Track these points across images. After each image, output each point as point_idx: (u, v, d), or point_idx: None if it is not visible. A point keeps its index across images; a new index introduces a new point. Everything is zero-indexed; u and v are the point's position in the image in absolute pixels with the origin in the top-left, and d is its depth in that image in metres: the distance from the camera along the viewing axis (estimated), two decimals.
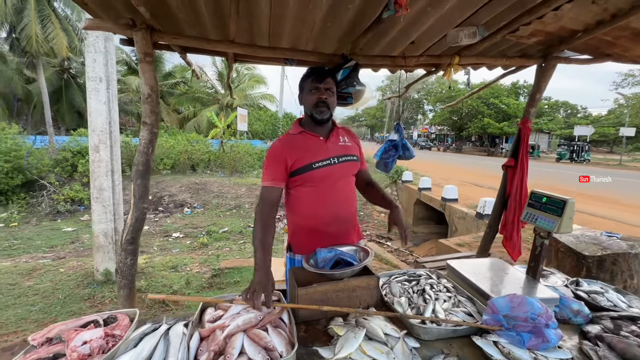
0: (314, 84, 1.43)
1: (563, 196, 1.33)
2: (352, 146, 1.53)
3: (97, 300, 3.36)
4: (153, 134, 1.77)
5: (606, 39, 1.95)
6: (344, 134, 1.55)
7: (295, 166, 1.40)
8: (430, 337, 1.12)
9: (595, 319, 1.26)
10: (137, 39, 1.68)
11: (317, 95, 1.42)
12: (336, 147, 1.47)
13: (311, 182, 1.43)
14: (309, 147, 1.43)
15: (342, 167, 1.46)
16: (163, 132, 14.71)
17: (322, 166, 1.42)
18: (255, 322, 1.09)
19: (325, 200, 1.45)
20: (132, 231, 1.75)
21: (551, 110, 35.09)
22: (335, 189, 1.46)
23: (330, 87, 1.44)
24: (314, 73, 1.45)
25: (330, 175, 1.44)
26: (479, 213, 6.23)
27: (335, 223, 1.47)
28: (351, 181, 1.54)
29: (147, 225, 7.96)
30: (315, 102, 1.41)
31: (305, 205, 1.47)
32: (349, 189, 1.52)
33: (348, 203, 1.51)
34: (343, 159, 1.47)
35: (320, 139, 1.46)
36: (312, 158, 1.41)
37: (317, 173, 1.41)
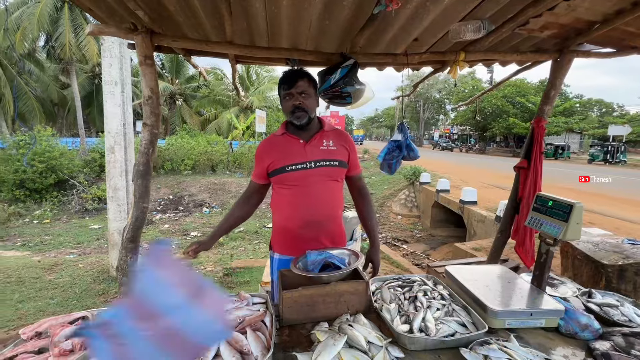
0: (285, 90, 1.42)
1: (570, 200, 1.23)
2: (336, 150, 1.47)
3: (111, 295, 3.50)
4: (153, 134, 1.80)
5: (629, 29, 1.79)
6: (331, 137, 1.49)
7: (271, 167, 1.45)
8: (417, 347, 1.06)
9: (606, 335, 1.15)
10: (137, 43, 1.73)
11: (291, 102, 1.41)
12: (315, 151, 1.44)
13: (285, 184, 1.44)
14: (286, 150, 1.44)
15: (318, 172, 1.43)
16: (185, 134, 15.18)
17: (296, 169, 1.41)
18: (235, 324, 1.08)
19: (299, 203, 1.43)
20: (132, 230, 1.79)
21: (583, 109, 33.11)
22: (310, 193, 1.43)
23: (303, 90, 1.41)
24: (284, 79, 1.43)
25: (304, 178, 1.42)
26: (499, 216, 5.96)
27: (308, 227, 1.45)
28: (331, 186, 1.47)
29: (167, 224, 8.23)
30: (291, 109, 1.41)
31: (282, 206, 1.49)
32: (328, 194, 1.46)
33: (324, 208, 1.46)
34: (321, 163, 1.43)
35: (300, 142, 1.45)
36: (286, 161, 1.42)
37: (291, 175, 1.41)
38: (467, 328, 1.14)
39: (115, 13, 1.71)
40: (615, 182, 11.61)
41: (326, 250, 1.40)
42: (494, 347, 1.01)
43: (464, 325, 1.15)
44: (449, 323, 1.15)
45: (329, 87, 1.87)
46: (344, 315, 1.22)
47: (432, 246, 8.05)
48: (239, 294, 1.33)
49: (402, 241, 8.16)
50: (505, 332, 1.15)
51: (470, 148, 36.31)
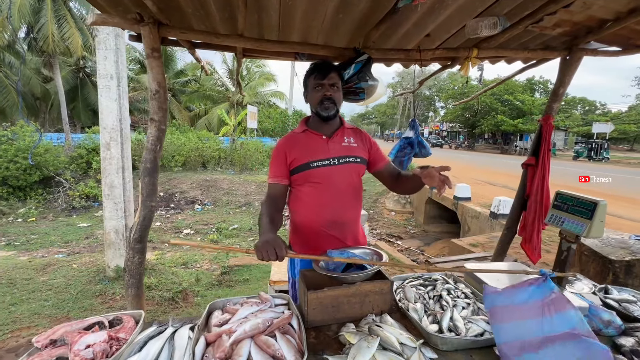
0: (317, 80, 1.39)
1: (594, 197, 1.24)
2: (357, 147, 1.47)
3: (108, 296, 3.40)
4: (161, 130, 1.74)
5: (638, 28, 1.81)
6: (351, 134, 1.49)
7: (294, 164, 1.40)
8: (449, 347, 1.05)
9: (629, 331, 1.16)
10: (145, 34, 1.65)
11: (321, 93, 1.39)
12: (338, 147, 1.42)
13: (310, 182, 1.40)
14: (309, 146, 1.41)
15: (342, 169, 1.41)
16: (174, 130, 14.88)
17: (320, 166, 1.38)
18: (263, 327, 1.04)
19: (323, 202, 1.40)
20: (140, 230, 1.73)
21: (568, 107, 33.99)
22: (334, 190, 1.40)
23: (334, 82, 1.39)
24: (317, 69, 1.41)
25: (329, 175, 1.39)
26: (493, 212, 6.07)
27: (333, 226, 1.42)
28: (354, 184, 1.46)
29: (158, 221, 8.07)
30: (320, 99, 1.39)
31: (304, 206, 1.44)
32: (350, 192, 1.45)
33: (347, 207, 1.44)
34: (344, 160, 1.42)
35: (322, 137, 1.43)
36: (310, 157, 1.39)
37: (315, 172, 1.38)
38: None
39: (119, 3, 1.63)
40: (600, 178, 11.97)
41: (348, 250, 1.38)
42: None
43: None
44: (477, 322, 1.14)
45: (343, 83, 1.83)
46: (370, 316, 1.20)
47: (426, 242, 8.14)
48: (259, 295, 1.30)
49: (396, 237, 8.22)
50: None
51: (460, 145, 36.89)
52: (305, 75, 1.47)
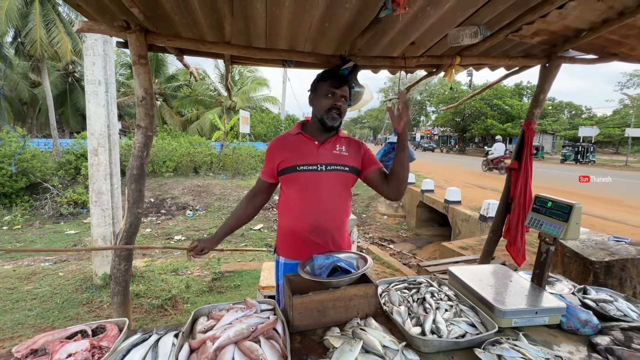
0: (331, 88, 1.39)
1: (569, 200, 1.28)
2: (348, 156, 1.45)
3: (95, 305, 3.34)
4: (148, 137, 1.74)
5: (612, 37, 1.89)
6: (344, 143, 1.48)
7: (282, 165, 1.42)
8: (431, 349, 1.07)
9: (605, 330, 1.20)
10: (131, 41, 1.66)
11: (332, 101, 1.39)
12: (328, 154, 1.42)
13: (296, 185, 1.41)
14: (299, 149, 1.42)
15: (328, 176, 1.40)
16: (166, 135, 14.77)
17: (307, 170, 1.39)
18: (248, 333, 1.05)
19: (307, 207, 1.41)
20: (126, 237, 1.72)
21: (555, 111, 34.77)
22: (319, 197, 1.40)
23: (345, 94, 1.42)
24: (332, 77, 1.42)
25: (314, 181, 1.39)
26: (483, 215, 6.15)
27: (316, 232, 1.43)
28: (340, 193, 1.45)
29: (149, 227, 7.97)
30: (330, 107, 1.39)
31: (290, 209, 1.46)
32: (337, 201, 1.44)
33: (331, 214, 1.44)
34: (332, 167, 1.41)
35: (314, 143, 1.43)
36: (298, 160, 1.40)
37: (301, 176, 1.39)
38: (476, 328, 1.16)
39: (106, 10, 1.64)
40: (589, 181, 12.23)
41: (333, 254, 1.39)
42: (506, 346, 1.03)
43: (473, 326, 1.17)
44: (459, 324, 1.17)
45: None
46: (355, 320, 1.21)
47: (418, 245, 8.19)
48: (245, 300, 1.30)
49: (388, 241, 8.26)
50: (512, 331, 1.18)
51: (451, 149, 37.34)
52: (316, 78, 1.46)
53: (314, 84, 1.47)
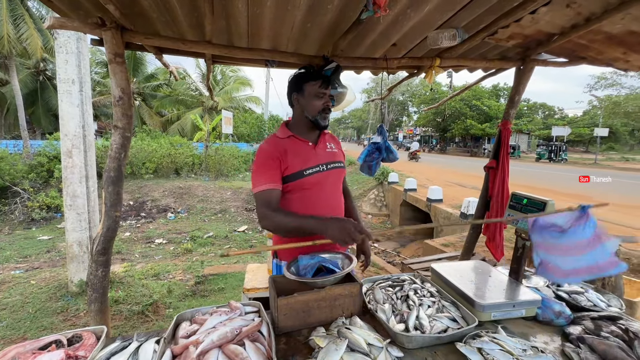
0: (321, 89, 1.39)
1: (543, 197, 1.34)
2: (337, 152, 1.52)
3: (71, 313, 3.19)
4: (125, 138, 1.68)
5: (581, 42, 1.99)
6: (330, 140, 1.54)
7: (286, 172, 1.36)
8: (415, 345, 1.09)
9: (577, 320, 1.26)
10: (107, 39, 1.60)
11: (323, 101, 1.39)
12: (324, 154, 1.45)
13: (302, 190, 1.38)
14: (299, 153, 1.39)
15: (330, 174, 1.43)
16: (145, 136, 14.34)
17: (313, 173, 1.39)
18: (232, 336, 1.03)
19: (316, 209, 1.40)
20: (103, 241, 1.65)
21: (530, 112, 36.25)
22: (324, 196, 1.42)
23: (332, 94, 1.50)
24: (321, 78, 1.40)
25: (319, 182, 1.41)
26: (463, 213, 6.33)
27: None
28: (339, 189, 1.51)
29: (128, 231, 7.72)
30: (322, 108, 1.39)
31: None
32: (337, 197, 1.49)
33: (337, 211, 1.48)
34: (331, 165, 1.45)
35: (309, 144, 1.43)
36: (303, 164, 1.37)
37: (308, 180, 1.38)
38: (457, 323, 1.19)
39: (80, 6, 1.57)
40: (559, 178, 12.82)
41: (318, 254, 1.40)
42: (486, 339, 1.07)
43: (455, 320, 1.20)
44: (441, 319, 1.19)
45: None
46: (340, 319, 1.22)
47: (401, 243, 8.33)
48: (229, 303, 1.28)
49: (373, 240, 8.36)
50: (492, 324, 1.22)
51: (432, 148, 38.18)
52: (299, 77, 1.42)
53: (298, 84, 1.42)
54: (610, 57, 2.13)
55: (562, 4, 1.60)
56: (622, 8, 1.54)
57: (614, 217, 6.82)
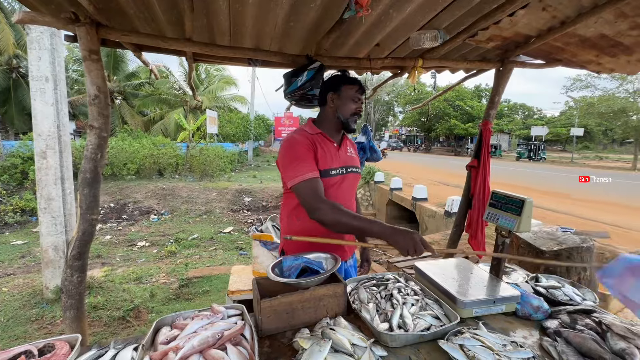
0: (357, 94, 1.42)
1: (521, 196, 1.37)
2: (355, 158, 1.54)
3: (47, 321, 3.06)
4: (102, 138, 1.62)
5: (557, 44, 2.06)
6: (349, 143, 1.55)
7: None
8: (398, 343, 1.10)
9: (554, 314, 1.30)
10: (81, 35, 1.54)
11: (357, 106, 1.43)
12: (346, 157, 1.47)
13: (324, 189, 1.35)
14: (327, 152, 1.40)
15: (348, 178, 1.45)
16: (126, 136, 13.94)
17: (336, 174, 1.40)
18: (213, 341, 1.01)
19: None
20: (79, 246, 1.59)
21: (511, 112, 37.39)
22: (340, 199, 1.43)
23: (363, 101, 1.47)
24: (358, 83, 1.43)
25: (339, 184, 1.42)
26: (447, 211, 6.45)
27: (337, 234, 1.44)
28: (353, 194, 1.53)
29: (109, 234, 7.48)
30: (355, 112, 1.42)
31: None
32: (351, 201, 1.51)
33: None
34: (351, 169, 1.47)
35: (334, 145, 1.45)
36: (329, 164, 1.38)
37: (331, 180, 1.39)
38: (440, 320, 1.20)
39: (51, 0, 1.50)
40: (538, 176, 13.26)
41: (302, 255, 1.38)
42: (467, 335, 1.08)
43: (438, 318, 1.21)
44: (424, 317, 1.20)
45: (296, 89, 1.86)
46: (324, 320, 1.21)
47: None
48: (211, 307, 1.25)
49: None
50: (473, 321, 1.24)
51: (417, 148, 38.78)
52: (339, 78, 1.44)
53: (336, 84, 1.42)
54: (583, 59, 2.21)
55: (539, 7, 1.65)
56: (595, 12, 1.60)
57: (588, 213, 7.11)
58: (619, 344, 1.02)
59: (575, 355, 1.02)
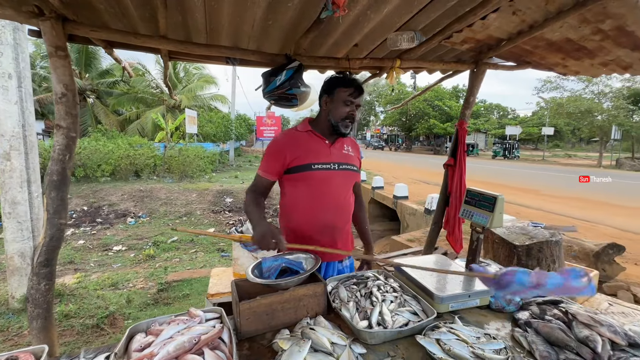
0: (350, 97, 1.40)
1: (494, 193, 1.42)
2: (353, 156, 1.53)
3: (13, 332, 2.88)
4: (70, 138, 1.55)
5: (526, 47, 2.15)
6: (349, 143, 1.54)
7: (294, 163, 1.39)
8: (377, 341, 1.11)
9: (525, 306, 1.35)
10: (45, 30, 1.46)
11: (349, 110, 1.40)
12: (339, 154, 1.46)
13: (308, 183, 1.41)
14: (311, 148, 1.42)
15: (340, 175, 1.45)
16: (100, 136, 13.37)
17: (322, 169, 1.40)
18: (189, 346, 0.98)
19: (320, 206, 1.42)
20: (46, 252, 1.51)
21: (487, 112, 38.73)
22: (330, 194, 1.43)
23: (360, 104, 1.43)
24: (353, 86, 1.40)
25: (328, 180, 1.42)
26: (427, 209, 6.60)
27: (325, 231, 1.45)
28: (349, 191, 1.52)
29: (82, 239, 7.16)
30: (346, 115, 1.40)
31: (301, 208, 1.45)
32: (344, 198, 1.50)
33: (341, 212, 1.49)
34: (344, 166, 1.46)
35: (325, 142, 1.45)
36: (313, 159, 1.40)
37: (316, 174, 1.40)
38: (418, 316, 1.23)
39: None
40: (513, 174, 13.81)
41: (282, 256, 1.38)
42: (444, 330, 1.12)
43: (416, 314, 1.24)
44: (402, 313, 1.23)
45: (275, 89, 1.84)
46: (304, 320, 1.21)
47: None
48: (188, 311, 1.22)
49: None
50: (450, 315, 1.27)
51: (399, 147, 39.47)
52: (333, 81, 1.44)
53: (330, 87, 1.43)
54: (551, 62, 2.31)
55: (509, 11, 1.72)
56: (560, 17, 1.68)
57: (559, 209, 7.48)
58: (583, 331, 1.07)
59: (544, 344, 1.07)
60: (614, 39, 1.82)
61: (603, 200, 8.61)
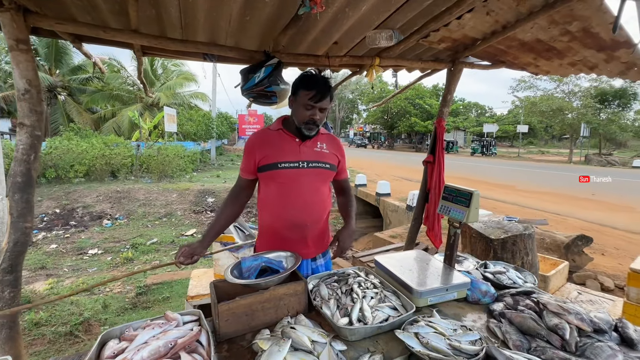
0: (310, 101, 1.32)
1: (469, 188, 1.45)
2: (328, 154, 1.48)
3: None
4: (35, 137, 1.46)
5: (500, 47, 2.22)
6: (325, 140, 1.49)
7: (262, 162, 1.40)
8: (357, 337, 1.12)
9: (500, 297, 1.40)
10: (5, 22, 1.37)
11: (309, 114, 1.35)
12: (309, 152, 1.43)
13: (276, 182, 1.41)
14: (279, 146, 1.40)
15: (309, 172, 1.43)
16: (73, 135, 12.77)
17: (288, 167, 1.39)
18: (165, 350, 0.95)
19: (287, 203, 1.42)
20: (10, 257, 1.42)
21: (465, 111, 39.82)
22: (299, 193, 1.42)
23: (325, 106, 1.36)
24: (312, 86, 1.33)
25: (295, 178, 1.40)
26: (409, 205, 6.72)
27: (295, 228, 1.44)
28: (320, 189, 1.49)
29: (54, 243, 6.83)
30: (307, 119, 1.36)
31: (270, 205, 1.46)
32: (314, 196, 1.47)
33: (311, 210, 1.47)
34: (313, 164, 1.43)
35: (295, 140, 1.42)
36: (279, 157, 1.39)
37: (282, 173, 1.39)
38: (398, 311, 1.24)
39: None
40: (490, 170, 14.29)
41: (262, 255, 1.36)
42: (422, 324, 1.13)
43: (396, 309, 1.26)
44: (382, 309, 1.24)
45: (253, 86, 1.81)
46: (285, 319, 1.20)
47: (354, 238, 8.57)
48: (165, 314, 1.19)
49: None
50: (428, 309, 1.30)
51: (381, 145, 39.91)
52: (297, 82, 1.39)
53: (294, 87, 1.39)
54: (524, 61, 2.40)
55: (483, 11, 1.76)
56: (531, 18, 1.74)
57: (533, 203, 7.80)
58: (553, 320, 1.12)
59: (517, 334, 1.11)
60: (581, 40, 1.91)
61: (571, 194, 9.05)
